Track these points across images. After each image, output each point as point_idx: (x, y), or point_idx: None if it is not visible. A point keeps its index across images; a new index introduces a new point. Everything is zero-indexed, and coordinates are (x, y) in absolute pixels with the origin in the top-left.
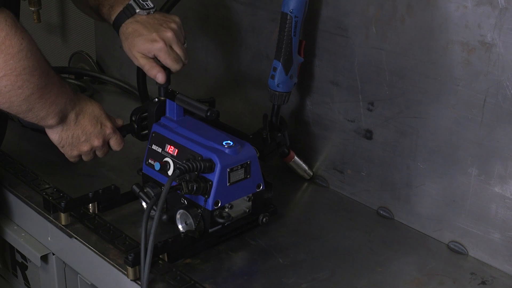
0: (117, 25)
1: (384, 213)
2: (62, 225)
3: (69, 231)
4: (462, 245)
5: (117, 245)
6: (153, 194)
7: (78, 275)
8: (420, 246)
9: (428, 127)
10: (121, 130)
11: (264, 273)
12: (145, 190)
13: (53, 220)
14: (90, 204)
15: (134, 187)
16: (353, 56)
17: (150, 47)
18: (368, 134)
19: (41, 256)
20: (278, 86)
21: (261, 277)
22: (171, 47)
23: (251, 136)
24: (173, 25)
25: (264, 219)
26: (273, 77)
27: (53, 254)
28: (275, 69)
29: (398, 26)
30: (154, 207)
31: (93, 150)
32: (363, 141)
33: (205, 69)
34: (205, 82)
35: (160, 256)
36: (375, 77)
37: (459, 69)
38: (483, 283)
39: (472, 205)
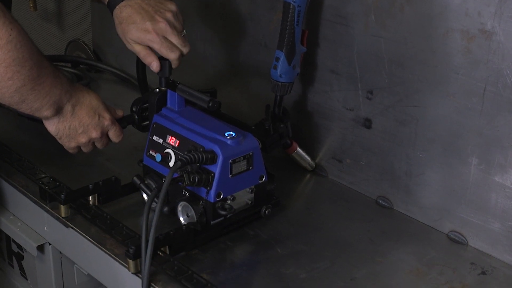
0: (111, 7)
1: (383, 203)
2: (62, 217)
3: (66, 221)
4: (462, 235)
5: (114, 235)
6: (154, 186)
7: (75, 265)
8: (420, 236)
9: (427, 116)
10: (122, 121)
11: (263, 264)
12: (146, 182)
13: (50, 209)
14: (90, 196)
15: (135, 178)
16: (352, 44)
17: (143, 37)
18: (367, 123)
19: (37, 246)
20: (280, 76)
21: (260, 267)
22: (165, 37)
23: (253, 127)
24: (168, 15)
25: (266, 211)
26: (275, 67)
27: (50, 244)
28: (277, 59)
29: (397, 14)
30: (155, 199)
31: (91, 142)
32: (362, 130)
33: (203, 58)
34: (203, 71)
35: (162, 248)
36: (374, 66)
37: (459, 58)
38: (483, 273)
39: (472, 194)
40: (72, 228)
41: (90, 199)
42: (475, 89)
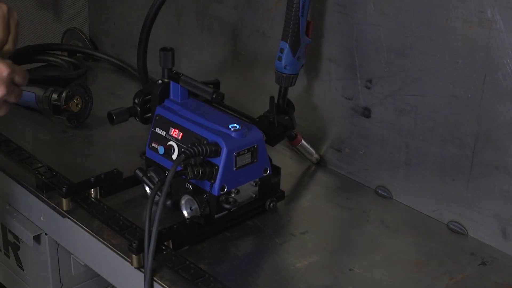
0: None
1: (382, 193)
2: (64, 210)
3: (63, 211)
4: (462, 225)
5: (111, 225)
6: (157, 179)
7: (71, 255)
8: (419, 226)
9: (427, 104)
10: (124, 113)
11: (260, 254)
12: (148, 175)
13: (46, 200)
14: (92, 189)
15: (137, 171)
16: (351, 33)
17: None
18: (366, 112)
19: (33, 236)
20: (285, 68)
21: (257, 257)
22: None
23: (257, 119)
24: None
25: (271, 205)
26: (280, 58)
27: (46, 235)
28: (282, 50)
29: (396, 2)
30: (158, 192)
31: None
32: (361, 119)
33: (200, 46)
34: (200, 60)
35: (165, 243)
36: (373, 54)
37: (458, 46)
38: (483, 263)
39: (472, 184)
40: (69, 218)
41: (92, 192)
42: (475, 78)
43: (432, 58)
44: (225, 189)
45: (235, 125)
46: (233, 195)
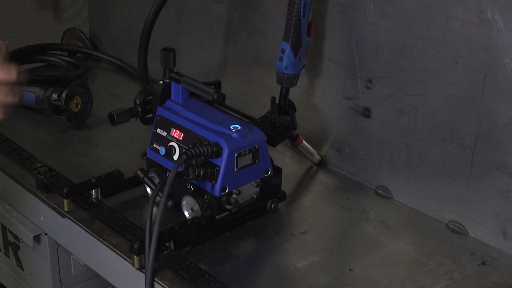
0: None
1: (382, 193)
2: (65, 211)
3: (63, 211)
4: (462, 225)
5: (111, 225)
6: (158, 180)
7: (71, 255)
8: (419, 226)
9: (427, 104)
10: (125, 114)
11: (260, 254)
12: (149, 176)
13: (46, 199)
14: (93, 190)
15: (139, 172)
16: (351, 33)
17: None
18: (366, 112)
19: (33, 236)
20: (286, 68)
21: (257, 257)
22: None
23: (258, 120)
24: None
25: (272, 205)
26: (281, 59)
27: (46, 234)
28: (283, 51)
29: (396, 2)
30: (159, 193)
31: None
32: (361, 119)
33: (200, 46)
34: (200, 60)
35: (166, 243)
36: (373, 54)
37: (458, 46)
38: (483, 263)
39: (471, 184)
40: (69, 218)
41: (93, 192)
42: (475, 78)
43: (432, 58)
44: (227, 190)
45: (236, 125)
46: (234, 196)
